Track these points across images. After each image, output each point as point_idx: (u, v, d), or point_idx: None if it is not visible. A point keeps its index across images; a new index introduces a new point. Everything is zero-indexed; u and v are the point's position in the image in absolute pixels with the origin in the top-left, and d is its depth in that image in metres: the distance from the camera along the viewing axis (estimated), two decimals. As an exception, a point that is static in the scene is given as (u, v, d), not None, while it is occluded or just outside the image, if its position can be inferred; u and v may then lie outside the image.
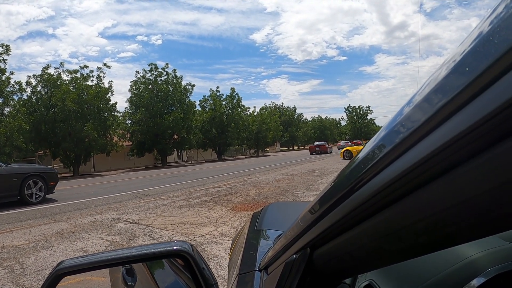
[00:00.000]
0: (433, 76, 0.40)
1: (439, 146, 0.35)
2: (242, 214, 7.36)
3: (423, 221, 0.40)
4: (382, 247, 0.51)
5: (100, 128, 34.03)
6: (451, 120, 0.34)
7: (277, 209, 1.71)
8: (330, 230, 0.61)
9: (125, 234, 6.14)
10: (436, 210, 0.38)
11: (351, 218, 0.53)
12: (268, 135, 64.06)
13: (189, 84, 46.41)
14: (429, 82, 0.40)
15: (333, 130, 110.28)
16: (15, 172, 10.61)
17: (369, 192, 0.47)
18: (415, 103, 0.41)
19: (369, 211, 0.49)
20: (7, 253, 5.39)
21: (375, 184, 0.45)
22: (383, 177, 0.44)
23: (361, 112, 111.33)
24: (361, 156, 0.53)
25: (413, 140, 0.39)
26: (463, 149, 0.33)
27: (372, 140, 0.51)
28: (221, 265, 4.18)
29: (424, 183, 0.38)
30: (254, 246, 1.23)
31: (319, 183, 11.86)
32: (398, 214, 0.44)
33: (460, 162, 0.34)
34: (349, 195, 0.52)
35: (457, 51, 0.36)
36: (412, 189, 0.40)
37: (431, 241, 0.43)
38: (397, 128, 0.44)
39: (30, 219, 8.40)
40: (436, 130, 0.35)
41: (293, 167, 21.30)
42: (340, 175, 0.63)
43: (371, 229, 0.50)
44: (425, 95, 0.39)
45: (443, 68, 0.38)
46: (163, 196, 11.18)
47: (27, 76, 34.21)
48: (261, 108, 79.22)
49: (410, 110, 0.42)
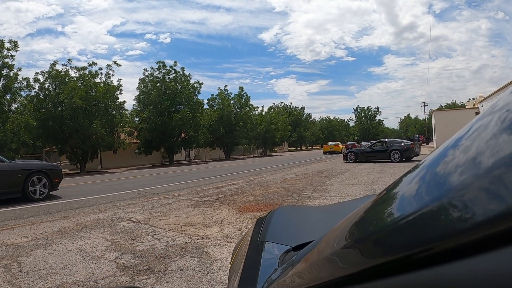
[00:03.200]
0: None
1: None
2: (248, 215, 7.18)
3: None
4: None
5: (108, 126, 34.06)
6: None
7: (284, 216, 1.52)
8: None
9: (127, 234, 5.98)
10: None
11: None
12: (276, 134, 64.07)
13: (197, 82, 46.37)
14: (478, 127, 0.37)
15: (342, 130, 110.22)
16: (19, 168, 10.55)
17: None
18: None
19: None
20: (6, 251, 5.26)
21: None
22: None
23: (370, 113, 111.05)
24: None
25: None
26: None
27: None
28: (224, 269, 4.00)
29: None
30: (255, 262, 1.05)
31: (327, 184, 11.66)
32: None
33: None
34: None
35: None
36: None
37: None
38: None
39: (32, 216, 8.30)
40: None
41: (301, 168, 21.13)
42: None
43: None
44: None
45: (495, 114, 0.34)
46: (168, 195, 11.04)
47: (35, 73, 34.40)
48: (269, 107, 79.31)
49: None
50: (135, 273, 4.01)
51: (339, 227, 0.64)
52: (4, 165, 10.22)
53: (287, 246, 1.07)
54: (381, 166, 17.90)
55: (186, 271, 3.99)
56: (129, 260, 4.51)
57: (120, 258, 4.59)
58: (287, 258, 0.95)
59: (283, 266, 0.88)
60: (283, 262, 0.94)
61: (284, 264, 0.89)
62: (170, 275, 3.89)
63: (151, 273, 3.97)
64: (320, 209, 1.72)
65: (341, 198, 8.66)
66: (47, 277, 3.98)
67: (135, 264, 4.33)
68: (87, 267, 4.27)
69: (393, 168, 16.18)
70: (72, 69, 34.54)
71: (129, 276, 3.90)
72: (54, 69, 33.23)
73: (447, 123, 36.48)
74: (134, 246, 5.18)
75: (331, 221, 0.94)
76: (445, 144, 0.48)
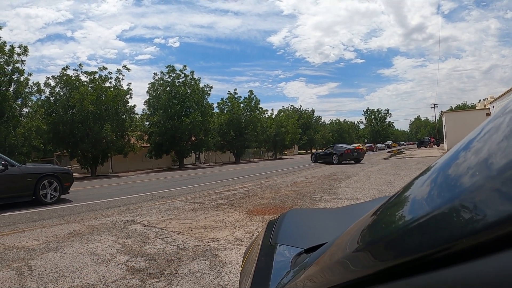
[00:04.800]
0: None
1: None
2: (258, 218, 7.14)
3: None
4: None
5: (118, 130, 34.26)
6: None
7: (295, 219, 1.49)
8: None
9: (138, 237, 5.97)
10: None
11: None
12: (286, 137, 63.99)
13: (206, 86, 46.69)
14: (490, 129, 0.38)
15: (352, 133, 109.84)
16: (30, 172, 10.60)
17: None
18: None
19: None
20: (17, 254, 5.27)
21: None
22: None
23: (380, 116, 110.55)
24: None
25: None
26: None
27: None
28: (234, 272, 3.96)
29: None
30: (267, 264, 1.01)
31: (338, 187, 11.58)
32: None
33: None
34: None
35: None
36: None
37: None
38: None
39: (43, 219, 8.32)
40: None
41: (311, 170, 21.04)
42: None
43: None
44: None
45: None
46: (178, 198, 11.03)
47: (46, 77, 34.75)
48: (279, 110, 79.04)
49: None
50: (145, 276, 3.98)
51: (350, 230, 0.64)
52: (15, 169, 10.27)
53: (299, 249, 1.04)
54: (392, 169, 17.77)
55: (196, 274, 3.95)
56: (140, 263, 4.48)
57: (130, 261, 4.57)
58: (300, 261, 0.92)
59: (295, 269, 0.86)
60: (295, 265, 0.91)
61: (297, 267, 0.86)
62: (181, 278, 3.86)
63: (162, 276, 3.94)
64: (332, 211, 1.69)
65: (352, 201, 8.58)
66: (57, 280, 3.97)
67: (145, 267, 4.31)
68: (97, 270, 4.25)
69: (404, 171, 16.04)
70: (83, 74, 34.93)
71: (140, 279, 3.87)
72: (64, 74, 33.57)
73: (458, 124, 36.34)
74: (144, 249, 5.16)
75: (343, 223, 0.93)
76: (456, 147, 0.48)
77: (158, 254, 4.88)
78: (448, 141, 38.83)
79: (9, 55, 27.64)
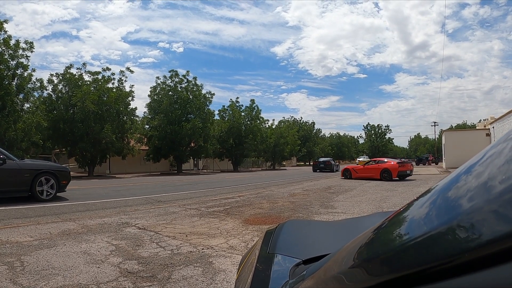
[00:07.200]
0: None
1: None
2: (254, 227, 7.12)
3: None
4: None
5: (118, 131, 34.25)
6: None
7: (294, 229, 1.49)
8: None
9: (132, 240, 5.95)
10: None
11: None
12: (286, 148, 63.94)
13: (208, 92, 46.78)
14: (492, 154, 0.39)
15: (351, 147, 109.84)
16: (28, 167, 10.58)
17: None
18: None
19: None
20: (10, 249, 5.25)
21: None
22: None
23: (380, 131, 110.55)
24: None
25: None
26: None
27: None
28: (227, 280, 3.95)
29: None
30: (265, 273, 1.01)
31: (335, 200, 11.56)
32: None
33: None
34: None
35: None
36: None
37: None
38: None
39: (38, 216, 8.30)
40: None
41: (309, 183, 21.03)
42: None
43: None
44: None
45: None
46: (175, 203, 11.01)
47: (49, 74, 34.82)
48: (280, 121, 79.06)
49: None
50: (138, 279, 3.96)
51: (348, 246, 0.65)
52: (13, 163, 10.25)
53: (297, 259, 1.04)
54: (389, 185, 17.74)
55: (189, 281, 3.93)
56: (133, 266, 4.46)
57: (123, 264, 4.55)
58: (298, 271, 0.92)
59: (293, 279, 0.86)
60: (294, 275, 0.91)
61: (295, 278, 0.87)
62: (173, 284, 3.83)
63: (154, 281, 3.92)
64: (330, 224, 1.70)
65: (348, 215, 8.58)
66: (49, 278, 3.95)
67: (138, 270, 4.29)
68: (90, 270, 4.23)
69: (401, 187, 16.01)
70: (86, 73, 35.00)
71: (132, 282, 3.85)
72: (68, 72, 33.63)
73: (457, 143, 36.45)
74: (138, 252, 5.14)
75: (342, 236, 0.98)
76: (458, 170, 0.49)
77: (151, 258, 4.86)
78: (447, 159, 38.81)
79: (14, 49, 27.65)
